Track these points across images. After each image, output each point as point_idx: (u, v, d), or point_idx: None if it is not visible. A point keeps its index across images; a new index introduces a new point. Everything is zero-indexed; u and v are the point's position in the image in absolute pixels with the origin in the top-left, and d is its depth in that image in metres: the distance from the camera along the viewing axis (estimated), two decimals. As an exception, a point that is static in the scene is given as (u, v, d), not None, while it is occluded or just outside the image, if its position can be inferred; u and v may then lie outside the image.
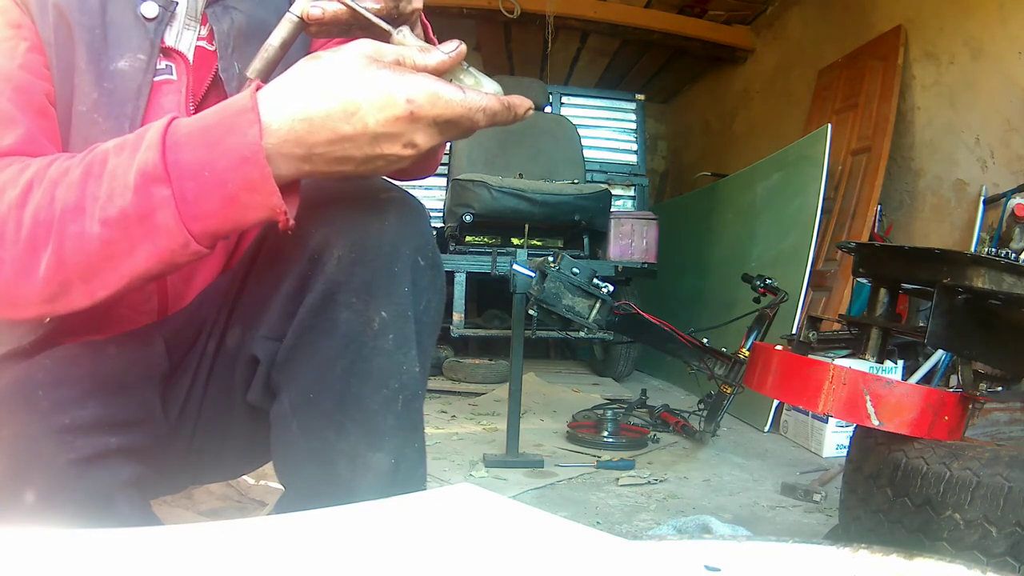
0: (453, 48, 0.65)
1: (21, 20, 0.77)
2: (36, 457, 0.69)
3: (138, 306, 0.84)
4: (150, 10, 0.82)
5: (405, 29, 0.69)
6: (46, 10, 0.78)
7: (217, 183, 0.59)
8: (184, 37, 0.86)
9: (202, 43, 0.87)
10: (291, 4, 0.93)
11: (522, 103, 0.67)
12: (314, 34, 0.73)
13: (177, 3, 0.84)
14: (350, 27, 0.73)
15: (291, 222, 0.62)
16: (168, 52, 0.84)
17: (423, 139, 0.62)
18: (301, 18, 0.71)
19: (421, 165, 0.96)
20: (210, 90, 0.86)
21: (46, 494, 0.68)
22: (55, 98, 0.79)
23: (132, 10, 0.81)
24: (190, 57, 0.86)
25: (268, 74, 0.73)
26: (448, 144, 4.32)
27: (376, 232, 0.72)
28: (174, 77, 0.84)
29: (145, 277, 0.64)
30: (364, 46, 0.62)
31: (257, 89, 0.61)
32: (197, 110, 0.83)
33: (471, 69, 0.70)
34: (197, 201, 0.60)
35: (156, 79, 0.82)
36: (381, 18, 0.70)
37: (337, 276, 0.71)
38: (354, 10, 0.70)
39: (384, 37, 0.72)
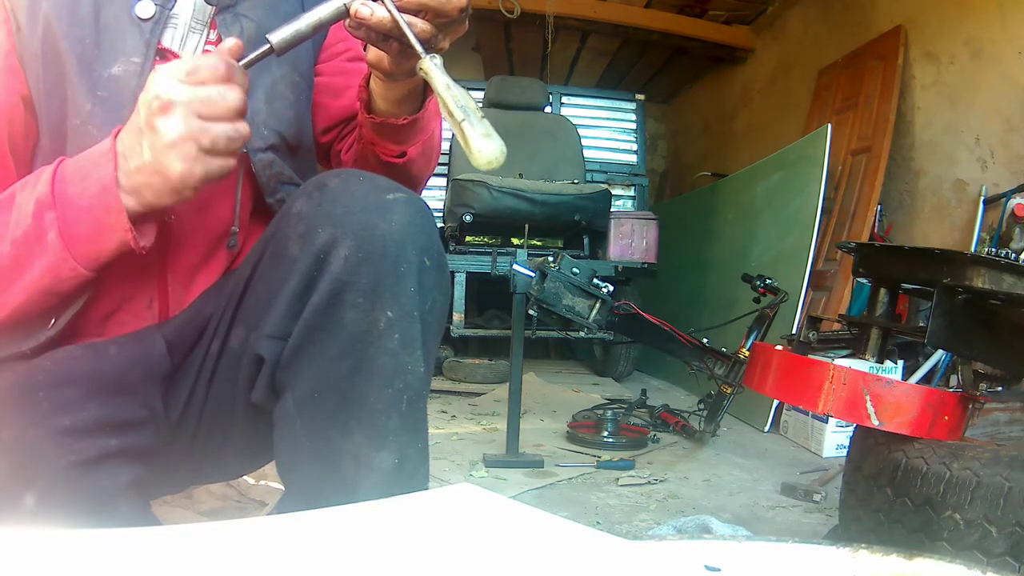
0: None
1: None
2: (37, 459, 0.69)
3: (139, 312, 0.84)
4: (145, 10, 0.81)
5: (439, 58, 0.70)
6: (36, 20, 0.78)
7: (87, 208, 0.70)
8: (189, 40, 0.86)
9: (210, 47, 0.87)
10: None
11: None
12: (349, 27, 0.74)
13: (175, 2, 0.84)
14: (386, 38, 0.74)
15: (142, 244, 0.72)
16: (164, 54, 0.83)
17: (179, 124, 0.66)
18: (347, 8, 0.71)
19: (409, 171, 0.96)
20: None
21: (47, 496, 0.68)
22: (32, 104, 0.79)
23: (127, 11, 0.81)
24: None
25: (288, 48, 0.73)
26: (448, 144, 4.33)
27: (383, 232, 0.72)
28: None
29: (44, 291, 0.73)
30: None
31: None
32: None
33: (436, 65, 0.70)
34: (76, 223, 0.70)
35: None
36: (420, 42, 0.71)
37: (343, 276, 0.71)
38: (398, 26, 0.71)
39: (413, 59, 0.73)
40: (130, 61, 0.80)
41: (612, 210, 3.90)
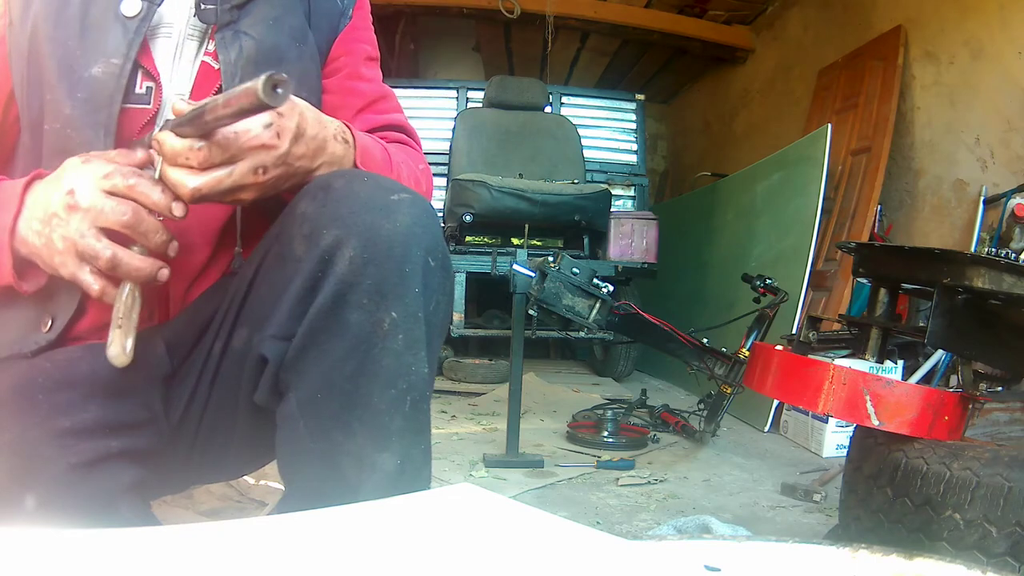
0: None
1: None
2: (37, 461, 0.69)
3: (139, 321, 0.84)
4: (131, 8, 0.81)
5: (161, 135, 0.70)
6: (26, 18, 0.78)
7: None
8: (186, 50, 0.85)
9: (208, 59, 0.86)
10: (301, 33, 0.91)
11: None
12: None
13: (161, 2, 0.83)
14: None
15: (25, 288, 0.75)
16: (145, 69, 0.82)
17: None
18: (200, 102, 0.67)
19: None
20: None
21: (47, 498, 0.68)
22: (15, 100, 0.79)
23: (113, 9, 0.80)
24: (193, 71, 0.85)
25: (181, 129, 0.69)
26: (448, 144, 4.29)
27: (388, 233, 0.72)
28: (149, 105, 0.82)
29: None
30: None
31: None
32: None
33: None
34: None
35: (126, 106, 0.80)
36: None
37: (348, 277, 0.71)
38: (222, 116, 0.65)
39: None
40: (110, 63, 0.80)
41: (612, 210, 3.90)
